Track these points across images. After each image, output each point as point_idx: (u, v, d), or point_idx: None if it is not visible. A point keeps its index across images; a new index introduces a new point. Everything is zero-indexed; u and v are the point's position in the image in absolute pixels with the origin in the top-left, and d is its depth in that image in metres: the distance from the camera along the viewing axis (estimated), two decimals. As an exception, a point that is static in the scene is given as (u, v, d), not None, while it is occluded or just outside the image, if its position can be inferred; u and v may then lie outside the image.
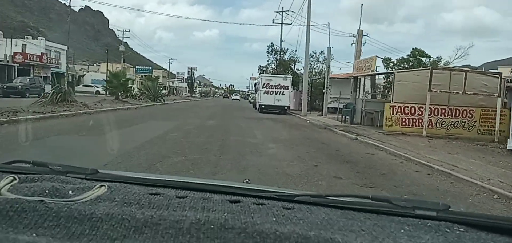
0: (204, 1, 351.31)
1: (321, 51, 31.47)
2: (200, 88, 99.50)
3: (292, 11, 35.20)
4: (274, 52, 32.71)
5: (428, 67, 16.16)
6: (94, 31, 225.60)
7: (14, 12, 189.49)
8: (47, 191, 0.88)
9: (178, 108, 24.00)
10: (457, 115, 14.32)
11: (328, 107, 27.28)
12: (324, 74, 30.83)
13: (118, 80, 21.35)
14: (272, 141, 9.68)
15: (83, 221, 0.73)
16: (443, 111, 14.22)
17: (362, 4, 22.83)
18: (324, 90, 23.23)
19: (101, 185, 0.95)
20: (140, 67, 76.43)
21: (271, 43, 33.47)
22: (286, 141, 9.95)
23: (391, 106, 14.35)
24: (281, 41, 33.33)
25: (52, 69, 37.40)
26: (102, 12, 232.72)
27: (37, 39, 42.35)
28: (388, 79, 25.47)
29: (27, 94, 27.22)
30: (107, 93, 27.87)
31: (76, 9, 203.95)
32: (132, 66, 77.99)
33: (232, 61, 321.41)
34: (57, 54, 45.83)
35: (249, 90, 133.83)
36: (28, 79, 30.64)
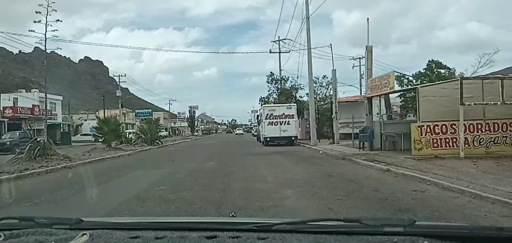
0: (201, 42, 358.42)
1: (324, 76, 29.86)
2: (203, 126, 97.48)
3: (289, 39, 33.80)
4: (274, 81, 31.16)
5: (456, 78, 14.33)
6: (95, 80, 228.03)
7: (16, 69, 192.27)
8: None
9: (175, 150, 22.03)
10: (496, 130, 12.25)
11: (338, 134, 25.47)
12: (329, 99, 29.12)
13: (109, 126, 19.48)
14: (287, 184, 7.59)
15: None
16: (480, 126, 12.16)
17: (368, 18, 21.30)
18: (332, 116, 21.29)
19: (83, 234, 0.99)
20: (140, 110, 75.58)
21: (271, 72, 32.12)
22: (304, 182, 7.84)
23: (418, 126, 12.31)
24: (280, 70, 31.93)
25: (47, 120, 35.80)
26: (101, 61, 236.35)
27: (30, 92, 41.15)
28: (406, 97, 23.57)
29: (17, 149, 25.39)
30: (99, 141, 26.09)
31: (76, 61, 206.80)
32: (132, 110, 77.35)
33: (232, 97, 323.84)
34: (52, 105, 44.57)
35: (251, 123, 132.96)
36: (18, 133, 28.92)
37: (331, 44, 24.06)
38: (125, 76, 61.35)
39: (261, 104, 33.22)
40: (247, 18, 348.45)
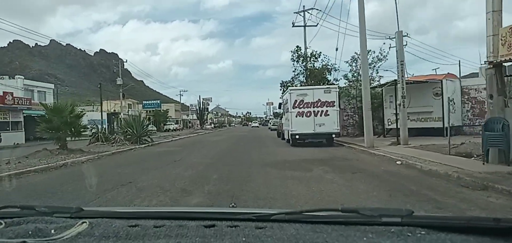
0: (215, 34, 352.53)
1: (370, 50, 22.15)
2: (217, 119, 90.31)
3: (317, 9, 26.16)
4: (301, 58, 23.48)
5: None
6: (110, 73, 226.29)
7: (32, 61, 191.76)
8: (30, 233, 0.92)
9: (165, 151, 15.30)
10: None
11: (393, 128, 18.16)
12: (377, 82, 21.74)
13: (61, 117, 12.90)
14: None
15: None
16: None
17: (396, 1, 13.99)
18: (398, 102, 14.04)
19: (83, 222, 1.01)
20: (147, 101, 69.92)
21: (297, 46, 24.32)
22: None
23: None
24: (305, 47, 24.33)
25: (24, 112, 29.93)
26: (116, 54, 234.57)
27: (14, 78, 35.45)
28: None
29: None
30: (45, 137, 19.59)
31: (91, 53, 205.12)
32: (138, 101, 71.73)
33: (247, 90, 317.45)
34: (40, 95, 38.84)
35: (267, 116, 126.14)
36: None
37: None
38: (126, 62, 54.86)
39: (283, 90, 25.89)
40: (262, 9, 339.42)
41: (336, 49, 20.60)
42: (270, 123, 55.18)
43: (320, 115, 15.74)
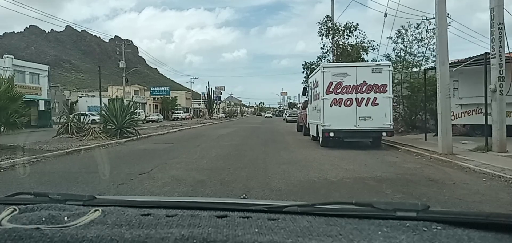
0: (231, 23, 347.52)
1: (421, 20, 16.86)
2: (229, 108, 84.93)
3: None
4: (331, 31, 18.25)
5: None
6: (125, 60, 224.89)
7: (48, 47, 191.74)
8: (43, 219, 0.93)
9: (141, 153, 10.81)
10: None
11: (462, 125, 13.63)
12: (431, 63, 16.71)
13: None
14: None
15: None
16: None
17: None
18: (492, 87, 9.10)
19: (96, 210, 1.01)
20: (155, 88, 66.46)
21: (326, 16, 18.88)
22: None
23: None
24: (332, 17, 19.05)
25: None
26: (131, 41, 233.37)
27: (1, 58, 31.74)
28: None
29: None
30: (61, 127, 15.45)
31: (106, 40, 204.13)
32: (146, 88, 68.27)
33: (261, 79, 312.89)
34: (33, 77, 35.20)
35: (281, 106, 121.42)
36: None
37: None
38: (131, 43, 51.44)
39: (306, 74, 20.93)
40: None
41: (385, 15, 15.37)
42: (286, 114, 50.31)
43: (366, 105, 10.95)
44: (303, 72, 21.30)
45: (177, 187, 5.68)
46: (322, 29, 18.62)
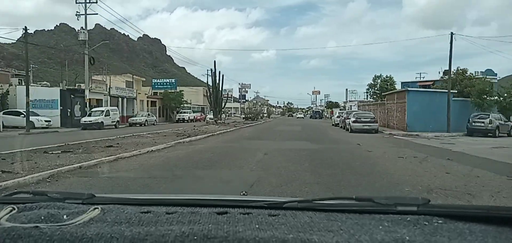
0: (261, 23, 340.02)
1: None
2: (249, 108, 69.98)
3: None
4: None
5: None
6: (152, 59, 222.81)
7: (77, 44, 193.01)
8: (42, 218, 0.92)
9: None
10: None
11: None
12: None
13: None
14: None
15: (74, 242, 0.78)
16: None
17: None
18: None
19: (95, 208, 1.00)
20: (158, 81, 55.61)
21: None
22: None
23: None
24: None
25: None
26: (159, 39, 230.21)
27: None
28: None
29: None
30: None
31: (135, 39, 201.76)
32: (143, 79, 55.03)
33: (289, 80, 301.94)
34: None
35: (316, 105, 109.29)
36: None
37: None
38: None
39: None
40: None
41: None
42: (335, 116, 37.23)
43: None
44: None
45: None
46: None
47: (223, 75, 33.72)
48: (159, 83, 53.74)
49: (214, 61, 34.11)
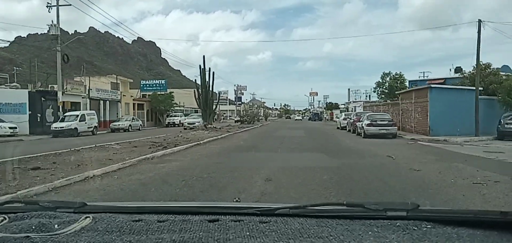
0: (257, 25, 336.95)
1: None
2: (245, 110, 62.42)
3: None
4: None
5: None
6: (147, 61, 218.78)
7: (70, 48, 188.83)
8: (33, 227, 0.92)
9: None
10: None
11: None
12: None
13: None
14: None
15: None
16: None
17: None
18: None
19: (86, 217, 0.99)
20: (147, 82, 51.39)
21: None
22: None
23: None
24: None
25: None
26: (154, 42, 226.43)
27: None
28: None
29: None
30: None
31: (129, 41, 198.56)
32: (130, 80, 51.90)
33: (285, 82, 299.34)
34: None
35: (313, 107, 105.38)
36: None
37: None
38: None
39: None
40: (302, 1, 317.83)
41: None
42: (341, 118, 31.05)
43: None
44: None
45: None
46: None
47: (213, 73, 28.27)
48: (148, 85, 49.74)
49: (203, 57, 27.58)
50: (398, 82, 36.66)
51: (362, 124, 20.18)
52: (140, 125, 35.41)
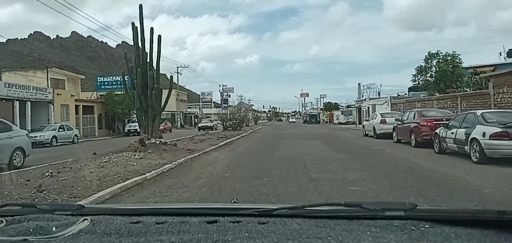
0: (244, 29, 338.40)
1: None
2: (233, 114, 56.82)
3: None
4: None
5: None
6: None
7: (52, 53, 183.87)
8: (31, 230, 0.91)
9: None
10: None
11: None
12: None
13: None
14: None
15: None
16: None
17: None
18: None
19: (84, 219, 1.00)
20: (103, 79, 39.90)
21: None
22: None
23: None
24: None
25: None
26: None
27: None
28: None
29: None
30: None
31: (113, 46, 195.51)
32: (82, 76, 40.39)
33: (273, 85, 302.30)
34: None
35: (306, 109, 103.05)
36: None
37: None
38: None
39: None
40: (289, 4, 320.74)
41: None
42: (382, 121, 18.74)
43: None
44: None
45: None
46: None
47: (160, 36, 14.24)
48: (105, 82, 37.81)
49: (140, 6, 13.07)
50: (451, 65, 25.63)
51: (443, 134, 10.96)
52: (76, 135, 25.26)
